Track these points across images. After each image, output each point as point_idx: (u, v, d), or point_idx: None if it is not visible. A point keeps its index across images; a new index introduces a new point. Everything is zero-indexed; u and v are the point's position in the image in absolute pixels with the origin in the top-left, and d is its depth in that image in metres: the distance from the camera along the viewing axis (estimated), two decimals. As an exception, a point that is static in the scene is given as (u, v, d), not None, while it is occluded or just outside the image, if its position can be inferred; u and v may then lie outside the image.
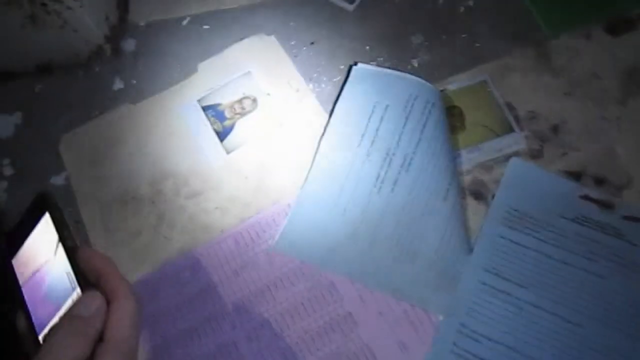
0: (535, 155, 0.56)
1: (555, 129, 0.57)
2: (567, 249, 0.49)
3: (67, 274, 0.33)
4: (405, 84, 0.57)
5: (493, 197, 0.54)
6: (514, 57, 0.60)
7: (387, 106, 0.56)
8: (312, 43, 0.66)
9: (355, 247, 0.52)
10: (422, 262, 0.51)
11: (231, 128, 0.62)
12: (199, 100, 0.64)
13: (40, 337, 0.33)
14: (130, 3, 0.70)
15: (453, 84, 0.60)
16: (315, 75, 0.64)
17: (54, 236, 0.34)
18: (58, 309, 0.33)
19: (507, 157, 0.56)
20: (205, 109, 0.64)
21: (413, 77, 0.57)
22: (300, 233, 0.54)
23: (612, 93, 0.57)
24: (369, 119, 0.56)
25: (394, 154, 0.54)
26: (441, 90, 0.58)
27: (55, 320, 0.33)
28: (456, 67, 0.61)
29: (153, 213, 0.58)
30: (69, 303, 0.32)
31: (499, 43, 0.61)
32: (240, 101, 0.64)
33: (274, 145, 0.61)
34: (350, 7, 0.67)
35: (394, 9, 0.66)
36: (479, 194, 0.55)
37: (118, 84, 0.67)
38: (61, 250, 0.33)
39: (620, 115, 0.56)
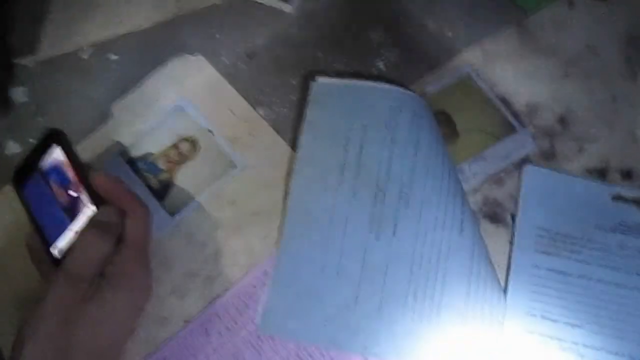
0: (547, 156, 0.46)
1: (562, 120, 0.48)
2: (614, 267, 0.41)
3: (80, 193, 0.39)
4: (380, 96, 0.46)
5: (513, 218, 0.44)
6: (494, 41, 0.50)
7: (364, 127, 0.45)
8: (250, 57, 0.53)
9: (361, 313, 0.41)
10: (449, 319, 0.40)
11: (170, 182, 0.49)
12: (121, 154, 0.50)
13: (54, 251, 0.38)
14: (11, 40, 0.54)
15: (432, 85, 0.50)
16: (262, 97, 0.51)
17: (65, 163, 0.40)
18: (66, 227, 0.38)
19: (517, 164, 0.46)
20: (132, 163, 0.50)
21: (388, 85, 0.46)
22: (288, 307, 0.42)
23: (616, 68, 0.49)
24: (346, 146, 0.45)
25: (386, 187, 0.43)
26: (412, 92, 0.48)
27: (69, 234, 0.38)
28: (430, 63, 0.51)
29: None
30: (82, 219, 0.38)
31: (474, 28, 0.51)
32: (175, 146, 0.50)
33: (231, 196, 0.48)
34: (288, 8, 0.54)
35: (341, 1, 0.54)
36: (495, 215, 0.45)
37: (12, 147, 0.51)
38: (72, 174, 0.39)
39: (631, 92, 0.48)
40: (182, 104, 0.51)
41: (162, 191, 0.48)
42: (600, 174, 0.45)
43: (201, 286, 0.45)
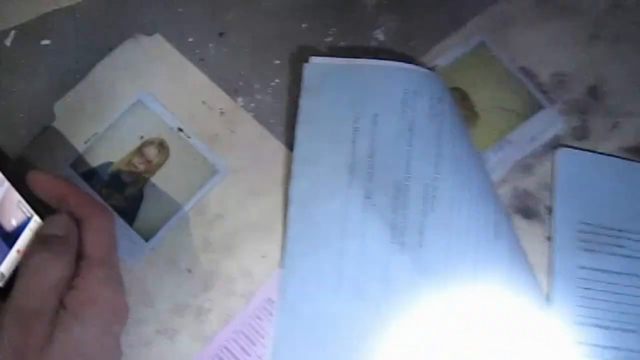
0: (580, 135, 0.41)
1: (593, 92, 0.42)
2: (666, 261, 0.36)
3: (19, 203, 0.32)
4: (392, 77, 0.38)
5: (549, 210, 0.39)
6: (510, 2, 0.43)
7: (375, 116, 0.37)
8: (221, 34, 0.44)
9: (388, 340, 0.35)
10: (489, 339, 0.35)
11: (139, 198, 0.40)
12: (72, 165, 0.40)
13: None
14: None
15: (442, 57, 0.42)
16: (240, 83, 0.42)
17: None
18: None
19: (546, 147, 0.40)
20: (86, 176, 0.40)
21: (398, 63, 0.38)
22: (302, 339, 0.36)
23: (647, 26, 0.43)
24: (354, 141, 0.37)
25: (407, 188, 0.36)
26: (428, 69, 0.40)
27: (12, 255, 0.31)
28: (437, 31, 0.43)
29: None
30: (27, 234, 0.31)
31: (483, -14, 0.44)
32: (140, 152, 0.41)
33: (216, 209, 0.40)
34: (260, -31, 0.45)
35: (326, -42, 0.45)
36: (528, 210, 0.39)
37: None
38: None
39: (669, 54, 0.42)
40: (142, 98, 0.42)
41: (130, 211, 0.39)
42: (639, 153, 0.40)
43: (193, 322, 0.37)
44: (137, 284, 0.38)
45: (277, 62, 0.43)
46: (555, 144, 0.40)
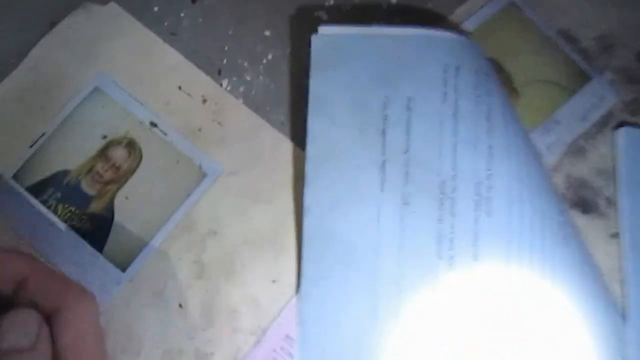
0: (634, 109, 0.34)
1: (647, 56, 0.35)
2: None
3: None
4: (426, 49, 0.30)
5: (610, 202, 0.32)
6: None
7: (409, 100, 0.29)
8: (194, 0, 0.34)
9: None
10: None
11: (109, 216, 0.31)
12: (15, 177, 0.31)
13: None
14: None
15: (468, 20, 0.34)
16: (224, 61, 0.34)
17: None
18: None
19: (601, 126, 0.33)
20: (35, 191, 0.31)
21: (434, 31, 0.30)
22: (332, 384, 0.28)
23: None
24: (384, 132, 0.29)
25: (454, 189, 0.29)
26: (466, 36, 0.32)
27: None
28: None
29: None
30: None
31: None
32: (103, 154, 0.32)
33: (207, 223, 0.31)
34: None
35: None
36: (586, 203, 0.32)
37: None
38: None
39: None
40: (101, 85, 0.32)
41: (98, 233, 0.31)
42: None
43: (189, 372, 0.29)
44: (115, 327, 0.29)
45: (268, 33, 0.34)
46: (610, 122, 0.34)
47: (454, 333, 0.28)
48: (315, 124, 0.30)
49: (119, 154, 0.32)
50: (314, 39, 0.30)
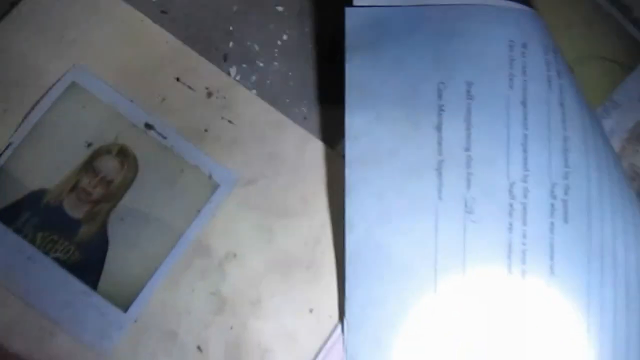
0: None
1: None
2: None
3: None
4: (486, 23, 0.25)
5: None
6: None
7: (469, 86, 0.24)
8: (191, -30, 0.28)
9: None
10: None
11: (102, 243, 0.25)
12: (-22, 202, 0.25)
13: None
14: None
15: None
16: (230, 44, 0.28)
17: None
18: None
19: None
20: (5, 218, 0.25)
21: (494, 0, 0.25)
22: None
23: None
24: (440, 127, 0.24)
25: (526, 192, 0.24)
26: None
27: None
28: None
29: None
30: None
31: None
32: (89, 166, 0.26)
33: (224, 245, 0.26)
34: None
35: None
36: (659, 196, 0.28)
37: None
38: None
39: None
40: (79, 79, 0.26)
41: (90, 266, 0.25)
42: None
43: None
44: (118, 382, 0.24)
45: (280, 8, 0.28)
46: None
47: (527, 353, 0.24)
48: (354, 119, 0.24)
49: (109, 165, 0.26)
50: (349, 12, 0.24)
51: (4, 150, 0.25)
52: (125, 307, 0.24)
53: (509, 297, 0.24)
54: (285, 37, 0.28)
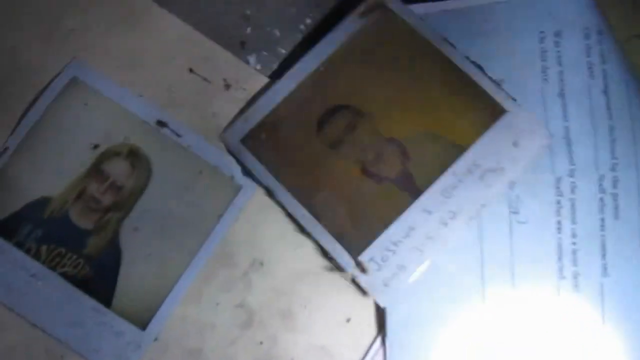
0: None
1: None
2: None
3: None
4: (514, 14, 0.24)
5: None
6: None
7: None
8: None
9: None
10: None
11: (114, 256, 0.23)
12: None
13: None
14: None
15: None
16: (247, 30, 0.26)
17: None
18: None
19: None
20: (4, 231, 0.22)
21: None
22: None
23: None
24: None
25: (572, 187, 0.23)
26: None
27: None
28: None
29: None
30: None
31: None
32: (96, 170, 0.23)
33: (250, 254, 0.24)
34: None
35: None
36: None
37: None
38: None
39: None
40: (80, 74, 0.23)
41: (100, 279, 0.22)
42: None
43: None
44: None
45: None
46: None
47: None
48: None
49: (118, 168, 0.23)
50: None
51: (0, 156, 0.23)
52: (143, 325, 0.22)
53: (562, 305, 0.22)
54: (308, 20, 0.26)
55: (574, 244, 0.22)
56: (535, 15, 0.24)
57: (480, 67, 0.23)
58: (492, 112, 0.23)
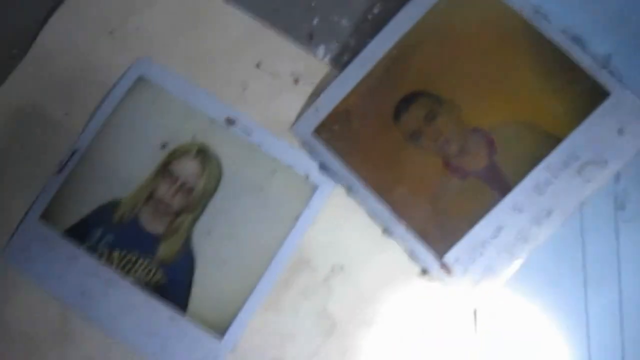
0: None
1: None
2: None
3: None
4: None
5: None
6: None
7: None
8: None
9: None
10: None
11: (188, 261, 0.21)
12: (44, 217, 0.21)
13: None
14: None
15: None
16: (315, 21, 0.24)
17: None
18: None
19: None
20: (76, 236, 0.21)
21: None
22: None
23: None
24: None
25: None
26: None
27: None
28: None
29: None
30: None
31: None
32: (165, 171, 0.22)
33: (329, 255, 0.22)
34: None
35: None
36: None
37: None
38: None
39: None
40: (146, 72, 0.23)
41: (174, 286, 0.21)
42: None
43: None
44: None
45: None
46: None
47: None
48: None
49: (188, 169, 0.22)
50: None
51: (68, 160, 0.22)
52: (220, 334, 0.21)
53: None
54: (376, 10, 0.24)
55: None
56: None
57: (580, 42, 0.20)
58: (593, 95, 0.20)
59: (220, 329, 0.21)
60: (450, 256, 0.21)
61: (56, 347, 0.21)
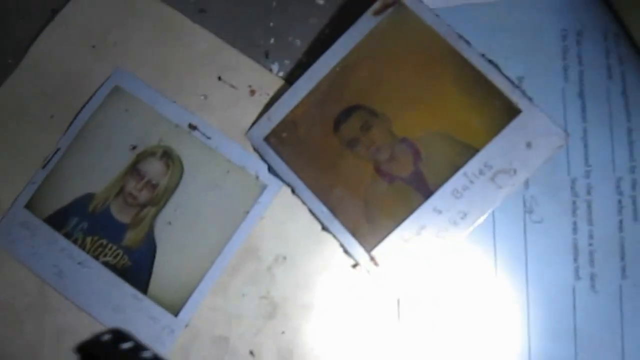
0: None
1: None
2: None
3: None
4: (539, 11, 0.23)
5: None
6: None
7: (519, 81, 0.23)
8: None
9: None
10: None
11: (149, 247, 0.25)
12: (28, 206, 0.25)
13: None
14: None
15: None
16: (271, 40, 0.27)
17: None
18: None
19: None
20: (55, 222, 0.25)
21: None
22: None
23: None
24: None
25: (588, 188, 0.23)
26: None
27: None
28: None
29: None
30: None
31: None
32: (134, 170, 0.25)
33: (275, 246, 0.25)
34: None
35: None
36: None
37: None
38: None
39: None
40: (121, 82, 0.26)
41: (138, 270, 0.25)
42: None
43: None
44: (172, 386, 0.24)
45: (321, 1, 0.27)
46: None
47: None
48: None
49: (153, 168, 0.25)
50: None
51: (52, 156, 0.25)
52: (176, 312, 0.24)
53: (577, 305, 0.23)
54: (327, 30, 0.27)
55: (590, 245, 0.23)
56: (557, 13, 0.23)
57: (496, 65, 0.23)
58: (506, 112, 0.23)
59: (175, 307, 0.24)
60: (378, 251, 0.24)
61: (34, 317, 0.24)
